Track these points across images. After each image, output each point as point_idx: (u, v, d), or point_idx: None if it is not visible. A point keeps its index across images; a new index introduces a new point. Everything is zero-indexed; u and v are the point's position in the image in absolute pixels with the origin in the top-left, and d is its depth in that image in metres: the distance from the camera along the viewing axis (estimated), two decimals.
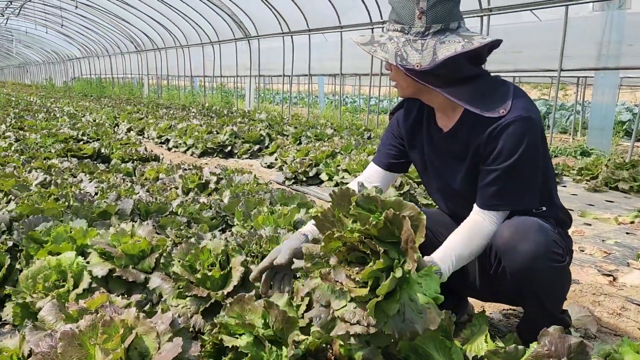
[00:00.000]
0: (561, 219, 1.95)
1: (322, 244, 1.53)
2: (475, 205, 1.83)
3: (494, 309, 2.52)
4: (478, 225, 1.78)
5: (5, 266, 2.43)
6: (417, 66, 1.68)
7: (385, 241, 1.50)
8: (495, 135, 1.72)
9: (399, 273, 1.42)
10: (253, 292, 1.95)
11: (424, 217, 1.45)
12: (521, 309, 2.46)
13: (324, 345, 1.81)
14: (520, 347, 1.52)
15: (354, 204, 1.52)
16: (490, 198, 1.78)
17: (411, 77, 1.74)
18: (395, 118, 2.14)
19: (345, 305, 1.48)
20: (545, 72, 11.03)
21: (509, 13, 8.80)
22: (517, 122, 1.70)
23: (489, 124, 1.73)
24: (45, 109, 13.02)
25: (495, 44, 1.72)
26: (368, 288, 1.46)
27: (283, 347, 1.71)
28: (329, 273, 1.52)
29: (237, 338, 1.74)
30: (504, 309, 2.52)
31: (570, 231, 2.06)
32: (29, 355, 1.69)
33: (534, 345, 1.51)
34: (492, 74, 1.85)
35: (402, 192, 4.43)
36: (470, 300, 2.35)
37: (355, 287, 1.47)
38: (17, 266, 2.49)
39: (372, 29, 11.03)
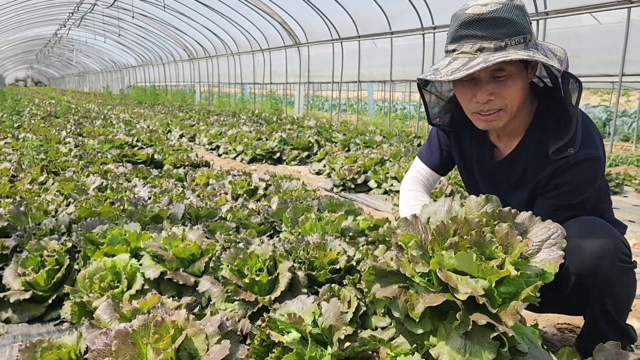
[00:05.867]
0: None
1: None
2: None
3: (547, 323, 2.43)
4: None
5: (65, 266, 2.53)
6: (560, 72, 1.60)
7: None
8: (563, 171, 1.70)
9: None
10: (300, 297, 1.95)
11: None
12: (577, 322, 2.37)
13: (370, 352, 1.80)
14: None
15: None
16: None
17: (563, 84, 1.63)
18: (438, 132, 2.11)
19: None
20: (605, 77, 10.66)
21: (567, 16, 8.52)
22: (587, 162, 1.66)
23: (554, 159, 1.70)
24: (102, 116, 13.55)
25: None
26: None
27: (328, 347, 1.71)
28: None
29: (285, 335, 1.76)
30: (558, 323, 2.43)
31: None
32: (86, 352, 1.75)
33: None
34: None
35: None
36: (523, 313, 2.27)
37: None
38: (76, 266, 2.60)
39: (424, 34, 10.93)
